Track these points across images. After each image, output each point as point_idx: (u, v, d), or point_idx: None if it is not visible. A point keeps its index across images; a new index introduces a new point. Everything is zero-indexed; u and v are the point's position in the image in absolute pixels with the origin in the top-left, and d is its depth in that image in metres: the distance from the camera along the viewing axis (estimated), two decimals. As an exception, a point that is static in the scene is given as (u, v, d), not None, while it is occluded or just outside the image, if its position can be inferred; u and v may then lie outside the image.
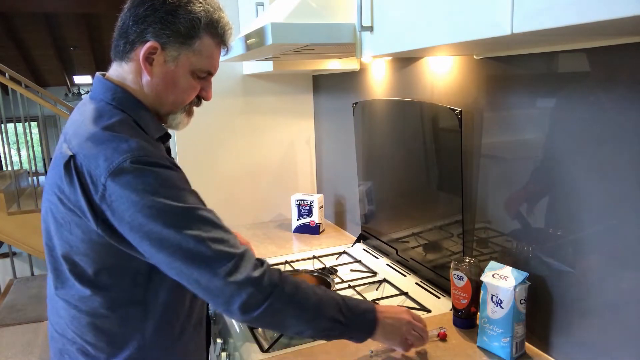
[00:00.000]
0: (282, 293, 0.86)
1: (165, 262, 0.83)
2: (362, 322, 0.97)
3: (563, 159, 0.98)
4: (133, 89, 0.94)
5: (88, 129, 0.86)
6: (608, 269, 0.91)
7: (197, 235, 0.82)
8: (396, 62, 1.55)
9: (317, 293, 0.91)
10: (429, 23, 0.84)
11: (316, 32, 1.12)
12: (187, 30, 0.89)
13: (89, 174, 0.82)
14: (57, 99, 5.04)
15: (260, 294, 0.84)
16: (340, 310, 0.92)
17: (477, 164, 1.23)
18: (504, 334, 1.03)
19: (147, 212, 0.80)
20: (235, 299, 0.83)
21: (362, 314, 0.96)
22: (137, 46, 0.90)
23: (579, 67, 0.93)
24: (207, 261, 0.82)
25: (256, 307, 0.84)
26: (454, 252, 1.30)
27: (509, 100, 1.11)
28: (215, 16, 0.92)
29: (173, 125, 1.00)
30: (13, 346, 3.26)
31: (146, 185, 0.81)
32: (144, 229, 0.81)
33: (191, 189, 0.89)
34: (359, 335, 0.97)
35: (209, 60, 0.95)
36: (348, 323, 0.93)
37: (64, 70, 9.09)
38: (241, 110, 2.13)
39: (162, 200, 0.81)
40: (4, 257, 5.04)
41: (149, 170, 0.82)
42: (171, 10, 0.88)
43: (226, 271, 0.82)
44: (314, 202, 1.97)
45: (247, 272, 0.84)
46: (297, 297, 0.88)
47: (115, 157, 0.81)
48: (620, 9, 0.50)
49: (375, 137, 1.65)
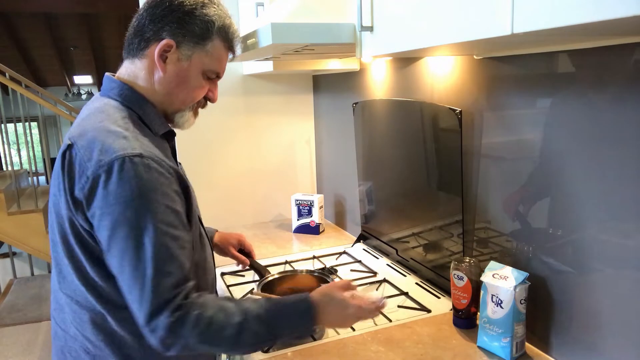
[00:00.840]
0: (197, 334, 0.85)
1: (116, 269, 0.86)
2: (296, 322, 0.93)
3: (563, 159, 0.98)
4: (142, 87, 0.96)
5: (91, 122, 0.89)
6: (608, 269, 0.91)
7: (144, 258, 0.83)
8: (396, 62, 1.55)
9: (233, 322, 0.87)
10: (429, 23, 0.84)
11: (316, 32, 1.12)
12: (202, 32, 0.94)
13: (79, 164, 0.85)
14: (57, 99, 5.04)
15: (174, 337, 0.84)
16: (263, 322, 0.89)
17: (477, 164, 1.23)
18: (504, 334, 1.03)
19: (115, 218, 0.82)
20: (154, 336, 0.84)
21: (290, 315, 0.93)
22: (152, 43, 0.93)
23: (578, 67, 0.93)
24: (144, 289, 0.83)
25: (171, 346, 0.85)
26: (454, 252, 1.30)
27: (509, 100, 1.11)
28: (227, 22, 0.97)
29: (180, 124, 1.02)
30: (13, 346, 3.26)
31: (125, 190, 0.82)
32: (106, 232, 0.84)
33: (173, 201, 0.87)
34: (300, 333, 0.98)
35: (219, 62, 0.99)
36: (276, 334, 0.91)
37: (64, 70, 9.09)
38: (241, 110, 2.13)
39: (132, 212, 0.82)
40: (4, 257, 5.04)
41: (134, 174, 0.82)
42: (188, 11, 0.93)
43: (150, 310, 0.83)
44: (314, 202, 1.97)
45: (166, 319, 0.83)
46: (211, 334, 0.86)
47: (107, 154, 0.83)
48: (620, 9, 0.50)
49: (375, 137, 1.65)
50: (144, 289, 0.83)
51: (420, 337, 1.13)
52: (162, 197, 0.85)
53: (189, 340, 0.85)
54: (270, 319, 0.90)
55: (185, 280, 0.87)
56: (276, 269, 1.50)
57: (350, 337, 1.15)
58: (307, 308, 0.93)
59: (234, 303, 0.90)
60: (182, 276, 0.86)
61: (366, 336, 1.14)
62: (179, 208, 0.89)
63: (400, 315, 1.26)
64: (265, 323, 0.89)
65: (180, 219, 0.88)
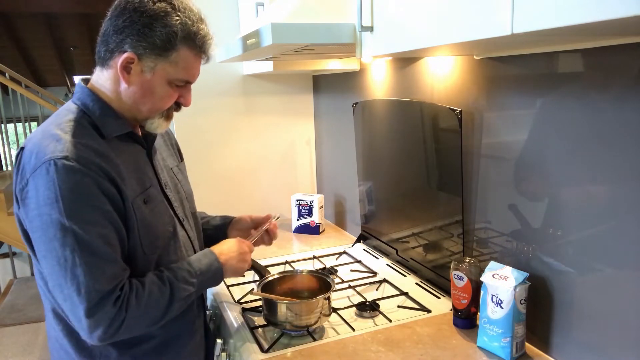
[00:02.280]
0: (134, 314, 0.91)
1: (46, 270, 0.89)
2: (211, 278, 1.06)
3: (563, 159, 0.98)
4: (108, 95, 0.98)
5: (42, 126, 0.95)
6: (608, 269, 0.91)
7: (73, 257, 0.85)
8: (396, 62, 1.55)
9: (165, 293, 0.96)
10: (429, 23, 0.84)
11: (316, 32, 1.12)
12: (163, 43, 0.92)
13: (23, 166, 0.89)
14: (57, 99, 5.05)
15: (115, 325, 0.89)
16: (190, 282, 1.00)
17: (477, 164, 1.23)
18: (504, 334, 1.03)
19: (42, 219, 0.86)
20: (96, 330, 0.88)
21: (207, 270, 1.05)
22: (115, 55, 0.94)
23: (578, 67, 0.93)
24: (79, 288, 0.85)
25: (114, 336, 0.90)
26: (454, 252, 1.30)
27: (509, 100, 1.11)
28: (193, 29, 0.94)
29: (151, 129, 1.03)
30: (13, 346, 3.26)
31: (50, 192, 0.85)
32: (37, 233, 0.88)
33: (99, 201, 0.88)
34: (211, 286, 1.09)
35: (186, 70, 0.98)
36: (200, 286, 1.03)
37: (64, 70, 9.09)
38: (241, 110, 2.13)
39: (57, 213, 0.84)
40: (4, 257, 5.04)
41: (57, 176, 0.85)
42: (148, 23, 0.91)
43: (88, 307, 0.86)
44: (314, 202, 1.97)
45: (108, 312, 0.88)
46: (148, 310, 0.93)
47: (39, 157, 0.87)
48: (620, 9, 0.50)
49: (375, 137, 1.65)
50: (78, 288, 0.85)
51: (420, 337, 1.13)
52: (86, 197, 0.87)
53: (131, 325, 0.90)
54: (197, 283, 1.02)
55: (118, 274, 0.90)
56: (276, 269, 1.50)
57: (350, 337, 1.15)
58: (219, 268, 1.07)
59: (160, 279, 0.97)
60: (114, 269, 0.89)
61: (366, 336, 1.14)
62: (107, 207, 0.89)
63: (400, 315, 1.26)
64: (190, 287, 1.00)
65: (109, 217, 0.90)
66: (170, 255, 1.03)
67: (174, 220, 1.06)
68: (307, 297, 1.26)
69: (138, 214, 0.95)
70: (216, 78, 2.06)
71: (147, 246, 0.98)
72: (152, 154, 1.07)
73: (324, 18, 1.15)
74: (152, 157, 1.07)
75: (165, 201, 1.06)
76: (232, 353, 1.22)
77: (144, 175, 1.01)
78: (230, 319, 1.29)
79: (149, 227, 0.98)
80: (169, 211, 1.06)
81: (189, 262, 1.03)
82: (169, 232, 1.04)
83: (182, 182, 1.18)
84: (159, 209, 1.02)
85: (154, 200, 1.01)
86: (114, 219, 0.90)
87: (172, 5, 0.93)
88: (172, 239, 1.04)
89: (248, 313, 1.30)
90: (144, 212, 0.97)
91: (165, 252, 1.02)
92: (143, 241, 0.96)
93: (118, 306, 0.88)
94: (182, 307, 1.01)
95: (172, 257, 1.04)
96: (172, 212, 1.07)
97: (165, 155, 1.16)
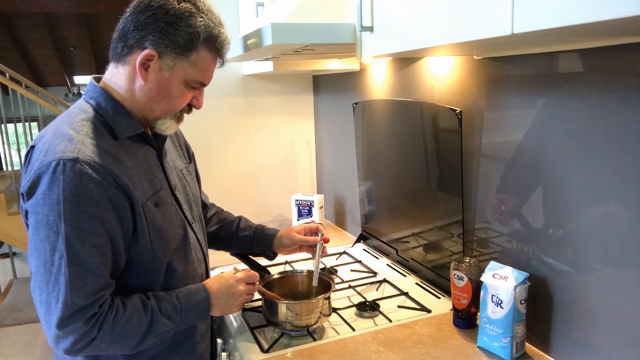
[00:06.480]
0: (109, 340, 0.89)
1: (32, 267, 0.88)
2: (196, 317, 1.02)
3: (563, 159, 0.98)
4: (121, 93, 0.96)
5: (53, 125, 0.93)
6: (608, 269, 0.91)
7: (60, 264, 0.84)
8: (396, 62, 1.55)
9: (143, 323, 0.92)
10: (429, 23, 0.84)
11: (316, 32, 1.12)
12: (186, 43, 0.91)
13: (32, 164, 0.88)
14: (57, 99, 5.05)
15: (83, 341, 0.87)
16: (172, 318, 0.96)
17: (477, 164, 1.23)
18: (504, 334, 1.03)
19: (39, 218, 0.85)
20: (63, 341, 0.86)
21: (193, 310, 1.00)
22: (135, 51, 0.92)
23: (579, 67, 0.93)
24: (58, 295, 0.84)
25: (80, 352, 0.88)
26: (454, 252, 1.30)
27: (509, 101, 1.11)
28: (215, 31, 0.94)
29: (161, 130, 1.01)
30: (13, 346, 3.26)
31: (53, 192, 0.83)
32: (30, 230, 0.87)
33: (100, 209, 0.86)
34: (194, 323, 1.04)
35: (204, 72, 0.97)
36: (182, 323, 0.99)
37: (64, 70, 9.09)
38: (241, 110, 2.13)
39: (55, 215, 0.83)
40: (4, 257, 5.05)
41: (63, 178, 0.83)
42: (172, 21, 0.90)
43: (62, 317, 0.84)
44: (314, 203, 1.97)
45: (79, 328, 0.86)
46: (121, 335, 0.90)
47: (48, 156, 0.85)
48: (620, 9, 0.50)
49: (375, 137, 1.65)
50: (57, 296, 0.84)
51: (421, 337, 1.13)
52: (88, 204, 0.85)
53: (100, 345, 0.89)
54: (180, 320, 0.98)
55: (99, 290, 0.88)
56: (276, 269, 1.50)
57: (350, 337, 1.15)
58: (207, 307, 1.03)
59: (144, 306, 0.94)
60: (97, 285, 0.87)
61: (366, 336, 1.14)
62: (108, 216, 0.87)
63: (400, 316, 1.26)
64: (171, 323, 0.96)
65: (108, 227, 0.88)
66: (181, 259, 1.02)
67: (185, 223, 1.05)
68: (307, 297, 1.26)
69: (149, 218, 0.94)
70: (216, 78, 2.02)
71: (159, 249, 0.96)
72: (163, 155, 1.05)
73: (324, 18, 1.15)
74: (163, 158, 1.05)
75: (175, 204, 1.04)
76: (232, 353, 1.22)
77: (155, 177, 0.99)
78: (230, 318, 1.29)
79: (160, 230, 0.96)
80: (179, 214, 1.04)
81: (178, 296, 0.99)
82: (180, 235, 1.02)
83: (190, 184, 1.15)
84: (169, 212, 1.00)
85: (164, 203, 0.99)
86: (112, 229, 0.88)
87: (196, 6, 0.92)
88: (182, 242, 1.03)
89: (248, 313, 1.30)
90: (154, 216, 0.95)
91: (177, 255, 1.01)
92: (154, 245, 0.95)
93: (91, 324, 0.86)
94: (157, 342, 0.96)
95: (183, 261, 1.03)
96: (182, 215, 1.05)
97: (174, 157, 1.14)
